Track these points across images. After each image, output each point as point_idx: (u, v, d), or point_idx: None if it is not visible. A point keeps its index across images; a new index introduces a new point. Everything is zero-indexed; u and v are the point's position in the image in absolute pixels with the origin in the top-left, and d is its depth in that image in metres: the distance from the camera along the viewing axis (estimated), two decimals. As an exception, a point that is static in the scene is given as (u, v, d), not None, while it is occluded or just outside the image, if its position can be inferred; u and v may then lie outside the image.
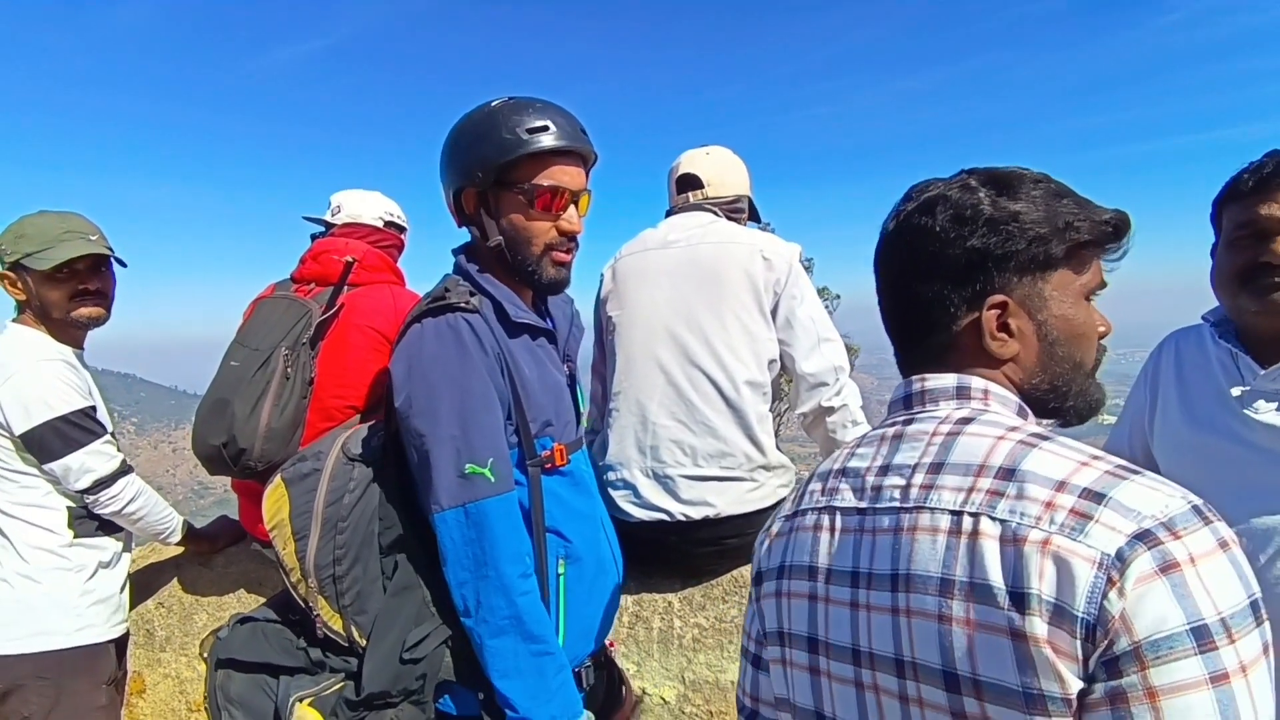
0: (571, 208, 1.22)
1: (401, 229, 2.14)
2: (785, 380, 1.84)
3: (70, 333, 1.82)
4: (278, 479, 1.28)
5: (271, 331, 1.79)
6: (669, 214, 1.99)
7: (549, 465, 1.23)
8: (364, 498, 1.22)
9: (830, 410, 1.75)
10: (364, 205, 2.09)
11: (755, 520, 1.73)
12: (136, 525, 1.87)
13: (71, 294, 1.76)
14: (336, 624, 1.20)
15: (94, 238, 1.77)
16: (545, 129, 1.16)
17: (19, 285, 1.74)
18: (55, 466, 1.72)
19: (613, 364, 1.84)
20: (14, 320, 1.78)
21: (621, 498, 1.76)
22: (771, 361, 1.76)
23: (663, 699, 1.82)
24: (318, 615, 1.21)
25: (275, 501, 1.26)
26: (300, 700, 1.16)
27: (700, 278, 1.77)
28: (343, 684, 1.20)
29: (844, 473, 0.77)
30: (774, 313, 1.77)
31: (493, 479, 1.12)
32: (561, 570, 1.24)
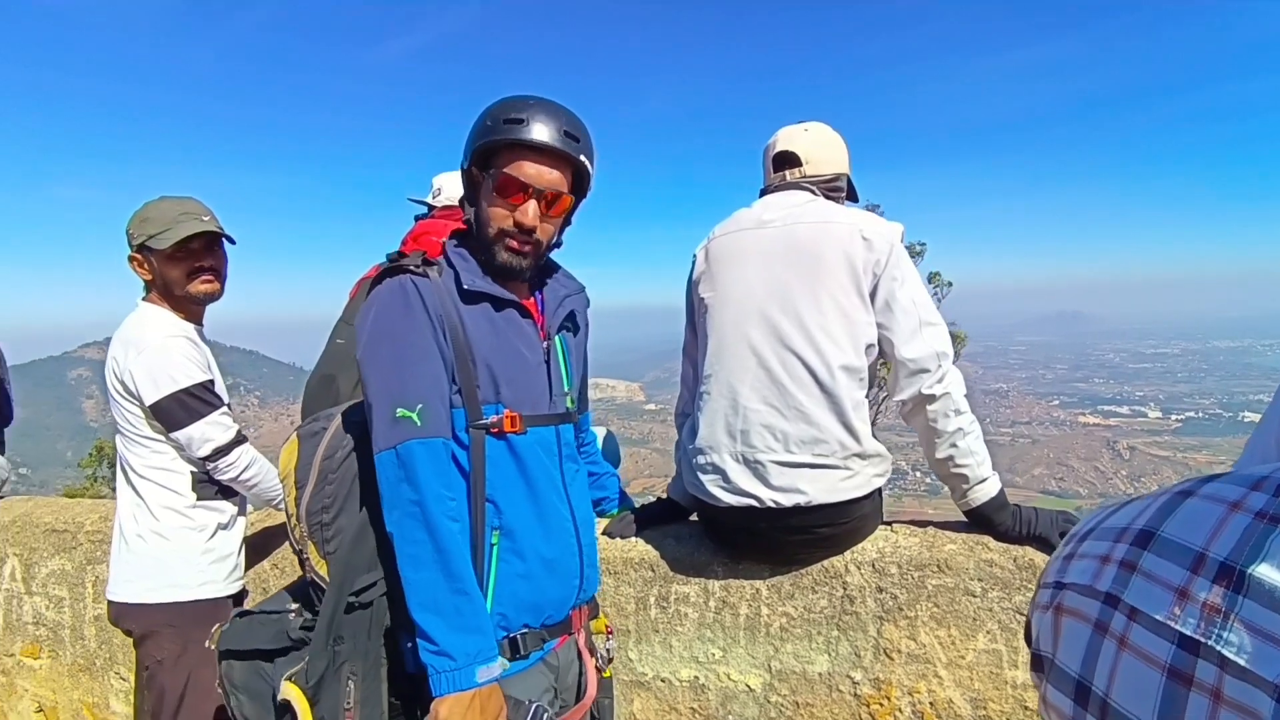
0: (532, 204, 1.25)
1: None
2: (884, 366, 1.76)
3: (191, 309, 1.95)
4: (294, 435, 1.36)
5: None
6: (764, 193, 1.93)
7: (495, 430, 1.24)
8: (352, 453, 1.29)
9: (931, 398, 1.66)
10: (460, 187, 2.14)
11: (848, 510, 1.67)
12: (251, 491, 2.00)
13: (189, 271, 1.89)
14: (322, 569, 1.26)
15: (206, 218, 1.88)
16: (521, 123, 1.21)
17: (145, 266, 1.88)
18: (179, 435, 1.85)
19: (704, 346, 1.81)
20: (143, 299, 1.93)
21: (710, 482, 1.73)
22: (869, 346, 1.68)
23: (748, 686, 1.79)
24: (307, 559, 1.28)
25: (288, 454, 1.34)
26: (287, 678, 1.21)
27: (796, 258, 1.71)
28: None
29: None
30: (873, 295, 1.69)
31: (419, 423, 1.17)
32: (495, 540, 1.24)
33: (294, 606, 1.35)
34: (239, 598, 2.07)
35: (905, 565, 1.70)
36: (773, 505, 1.64)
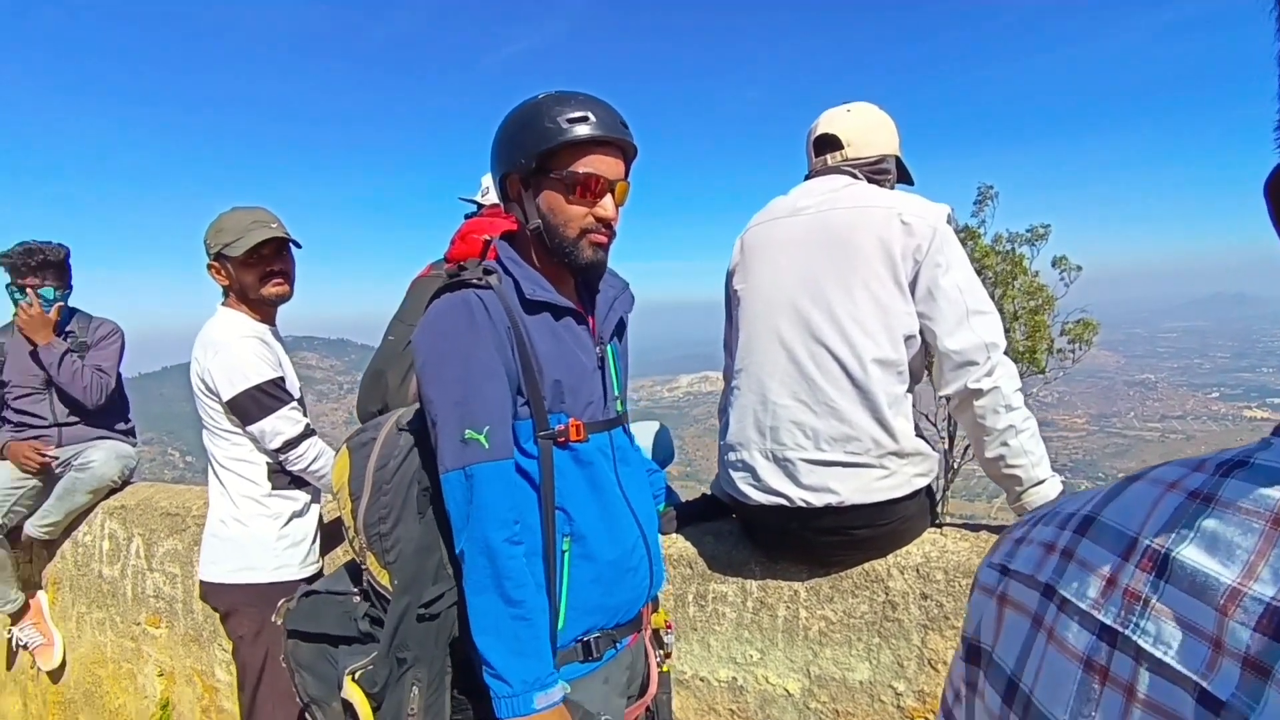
0: (608, 195, 1.25)
1: None
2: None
3: (264, 310, 2.11)
4: (344, 447, 1.39)
5: (421, 308, 1.94)
6: (807, 179, 1.86)
7: (562, 440, 1.24)
8: (405, 463, 1.30)
9: (978, 393, 1.54)
10: None
11: (888, 511, 1.59)
12: (320, 481, 2.13)
13: (262, 275, 2.04)
14: (384, 579, 1.28)
15: (274, 225, 2.02)
16: (584, 119, 1.20)
17: (222, 272, 2.04)
18: (253, 429, 2.01)
19: (736, 340, 1.77)
20: (221, 304, 2.10)
21: (741, 480, 1.69)
22: (909, 337, 1.58)
23: (786, 690, 1.74)
24: (367, 569, 1.30)
25: (341, 466, 1.37)
26: (350, 675, 1.25)
27: (828, 246, 1.63)
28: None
29: None
30: (914, 283, 1.59)
31: (487, 445, 1.16)
32: (566, 547, 1.24)
33: (356, 590, 1.41)
34: (313, 580, 2.22)
35: (952, 571, 1.59)
36: (803, 504, 1.58)
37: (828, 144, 1.82)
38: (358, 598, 1.39)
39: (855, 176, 1.76)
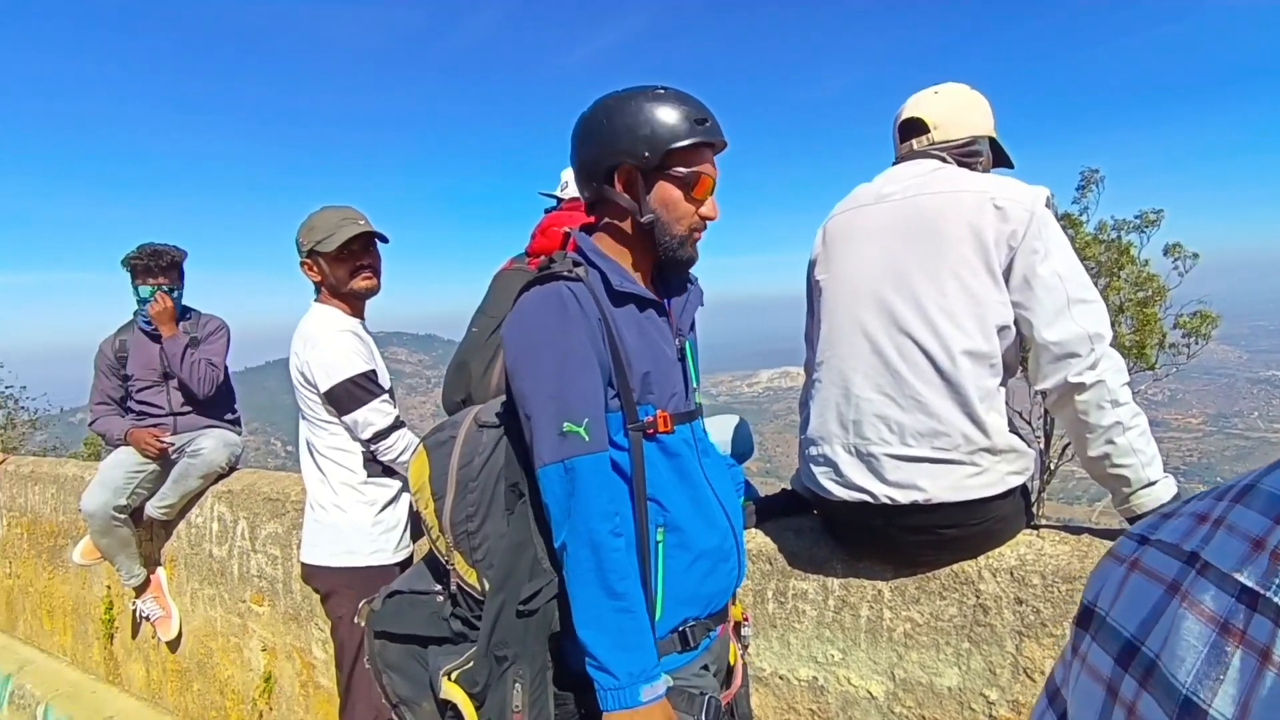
0: (713, 196, 1.29)
1: None
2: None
3: (355, 304, 2.20)
4: (421, 447, 1.39)
5: (504, 301, 1.98)
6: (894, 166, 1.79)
7: (651, 432, 1.23)
8: (490, 460, 1.30)
9: (1079, 387, 1.44)
10: None
11: (978, 510, 1.51)
12: (408, 472, 2.21)
13: (352, 270, 2.12)
14: (471, 578, 1.28)
15: (362, 222, 2.10)
16: (706, 122, 1.24)
17: (315, 268, 2.14)
18: (347, 420, 2.09)
19: (818, 332, 1.72)
20: (315, 300, 2.20)
21: (822, 475, 1.64)
22: (1002, 328, 1.50)
23: (869, 693, 1.68)
24: (453, 569, 1.30)
25: (418, 467, 1.37)
26: (447, 675, 1.26)
27: (915, 233, 1.56)
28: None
29: None
30: (1008, 271, 1.50)
31: (587, 438, 1.15)
32: (660, 538, 1.22)
33: (439, 588, 1.40)
34: (405, 566, 2.30)
35: (1051, 576, 1.50)
36: (887, 501, 1.52)
37: (913, 128, 1.74)
38: (441, 597, 1.39)
39: (944, 160, 1.68)
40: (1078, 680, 0.47)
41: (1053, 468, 12.22)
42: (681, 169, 1.24)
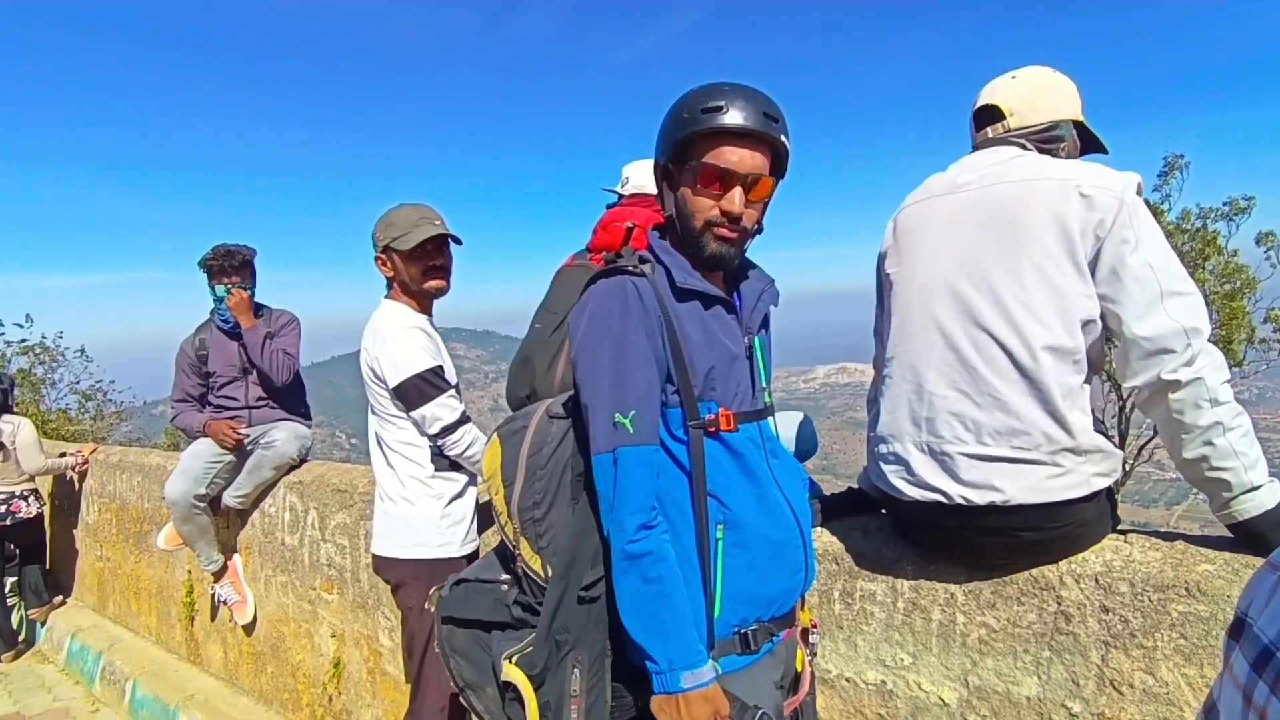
0: (738, 190, 1.22)
1: None
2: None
3: (424, 302, 2.23)
4: (495, 436, 1.42)
5: (567, 296, 1.99)
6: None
7: (713, 429, 1.22)
8: (558, 449, 1.32)
9: (1174, 384, 1.36)
10: (648, 175, 2.19)
11: (1060, 512, 1.44)
12: (474, 466, 2.24)
13: (424, 269, 2.16)
14: (536, 564, 1.30)
15: (438, 223, 2.13)
16: (719, 109, 1.19)
17: (388, 264, 2.18)
18: (415, 414, 2.13)
19: (889, 326, 1.67)
20: (385, 296, 2.24)
21: (893, 473, 1.59)
22: (1087, 323, 1.42)
23: (941, 699, 1.63)
24: (520, 555, 1.33)
25: (492, 455, 1.40)
26: (508, 658, 1.28)
27: (993, 224, 1.50)
28: None
29: None
30: (1095, 262, 1.42)
31: (632, 430, 1.17)
32: (720, 535, 1.22)
33: (505, 578, 1.45)
34: (472, 559, 2.34)
35: (1140, 584, 1.42)
36: (962, 502, 1.46)
37: (989, 115, 1.67)
38: (506, 586, 1.42)
39: (1023, 146, 1.61)
40: (1224, 690, 0.46)
41: (1128, 469, 11.68)
42: (692, 162, 1.23)
